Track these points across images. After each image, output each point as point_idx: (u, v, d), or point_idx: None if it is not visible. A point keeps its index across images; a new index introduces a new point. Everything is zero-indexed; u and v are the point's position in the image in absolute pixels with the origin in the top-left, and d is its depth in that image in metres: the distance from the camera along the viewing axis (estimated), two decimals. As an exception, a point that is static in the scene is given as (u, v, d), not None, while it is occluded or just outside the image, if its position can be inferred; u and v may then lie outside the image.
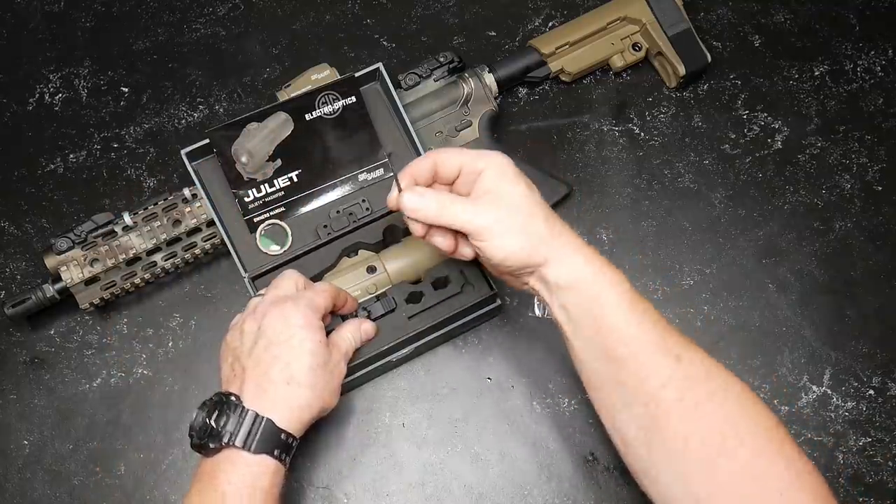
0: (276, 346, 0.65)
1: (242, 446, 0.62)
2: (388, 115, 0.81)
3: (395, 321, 0.75)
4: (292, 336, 0.66)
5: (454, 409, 0.79)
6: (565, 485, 0.77)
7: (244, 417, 0.63)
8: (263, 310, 0.68)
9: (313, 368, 0.66)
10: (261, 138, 0.78)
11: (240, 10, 0.94)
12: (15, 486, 0.78)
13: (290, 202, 0.79)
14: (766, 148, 0.87)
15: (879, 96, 0.89)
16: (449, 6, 0.93)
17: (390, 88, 0.80)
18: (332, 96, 0.79)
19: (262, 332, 0.66)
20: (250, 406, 0.64)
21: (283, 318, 0.66)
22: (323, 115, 0.79)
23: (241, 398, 0.64)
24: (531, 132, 0.88)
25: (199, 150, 0.78)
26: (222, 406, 0.63)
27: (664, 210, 0.85)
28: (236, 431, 0.62)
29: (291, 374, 0.65)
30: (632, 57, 0.87)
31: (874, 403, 0.79)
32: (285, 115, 0.78)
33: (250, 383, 0.65)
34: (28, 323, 0.82)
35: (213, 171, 0.79)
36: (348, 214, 0.79)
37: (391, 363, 0.77)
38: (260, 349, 0.66)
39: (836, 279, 0.83)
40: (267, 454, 0.63)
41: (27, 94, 0.91)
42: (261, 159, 0.78)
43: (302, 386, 0.65)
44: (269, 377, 0.65)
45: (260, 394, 0.64)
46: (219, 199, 0.79)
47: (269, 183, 0.78)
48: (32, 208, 0.87)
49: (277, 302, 0.68)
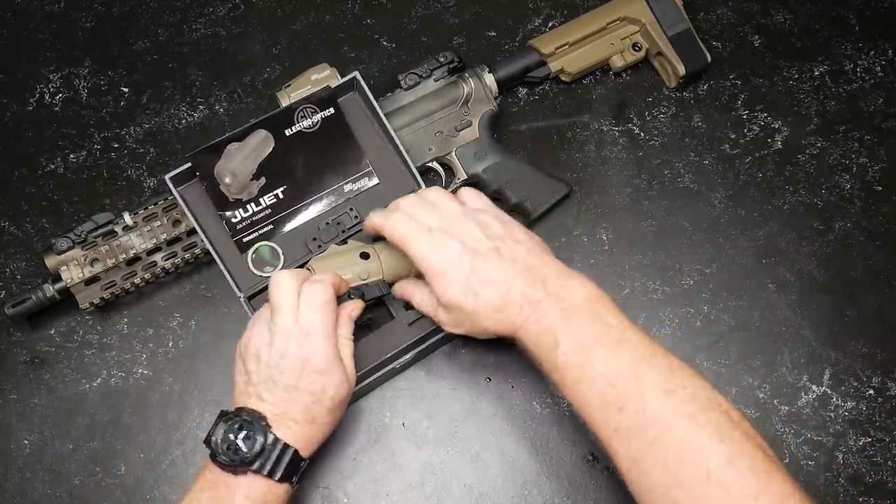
0: (297, 392, 0.66)
1: (270, 476, 0.64)
2: (369, 123, 0.81)
3: (396, 329, 0.76)
4: (312, 382, 0.66)
5: (454, 409, 0.79)
6: (565, 485, 0.77)
7: (276, 447, 0.64)
8: (281, 349, 0.66)
9: (332, 409, 0.67)
10: (242, 157, 0.78)
11: (240, 10, 0.94)
12: (15, 486, 0.78)
13: (278, 219, 0.79)
14: (766, 148, 0.87)
15: (879, 96, 0.89)
16: (449, 6, 0.93)
17: (369, 97, 0.80)
18: (310, 110, 0.79)
19: (283, 371, 0.65)
20: (280, 436, 0.64)
21: (302, 363, 0.65)
22: (303, 129, 0.79)
23: (269, 425, 0.65)
24: (531, 132, 0.88)
25: (183, 175, 0.77)
26: (252, 428, 0.64)
27: (664, 210, 0.85)
28: (267, 460, 0.63)
29: (313, 417, 0.66)
30: (632, 57, 0.87)
31: (874, 403, 0.79)
32: (265, 132, 0.78)
33: (272, 416, 0.65)
34: (28, 323, 0.82)
35: (198, 195, 0.78)
36: (336, 225, 0.79)
37: (395, 370, 0.77)
38: (280, 390, 0.66)
39: (836, 279, 0.83)
40: (288, 482, 0.65)
41: (27, 94, 0.91)
42: (244, 178, 0.78)
43: (323, 425, 0.67)
44: (292, 418, 0.65)
45: (283, 427, 0.65)
46: (206, 221, 0.78)
47: (255, 202, 0.78)
48: (32, 208, 0.87)
49: (291, 337, 0.66)
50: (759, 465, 0.55)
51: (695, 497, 0.55)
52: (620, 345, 0.61)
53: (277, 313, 0.67)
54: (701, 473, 0.55)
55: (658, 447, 0.57)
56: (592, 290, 0.65)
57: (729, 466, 0.55)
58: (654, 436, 0.57)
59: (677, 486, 0.56)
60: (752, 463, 0.56)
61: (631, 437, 0.58)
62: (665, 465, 0.57)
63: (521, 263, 0.66)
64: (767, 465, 0.56)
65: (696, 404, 0.58)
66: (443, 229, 0.68)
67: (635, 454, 0.58)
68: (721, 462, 0.55)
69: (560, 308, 0.63)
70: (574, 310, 0.63)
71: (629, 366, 0.60)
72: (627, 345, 0.62)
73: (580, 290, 0.64)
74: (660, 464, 0.57)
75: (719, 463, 0.55)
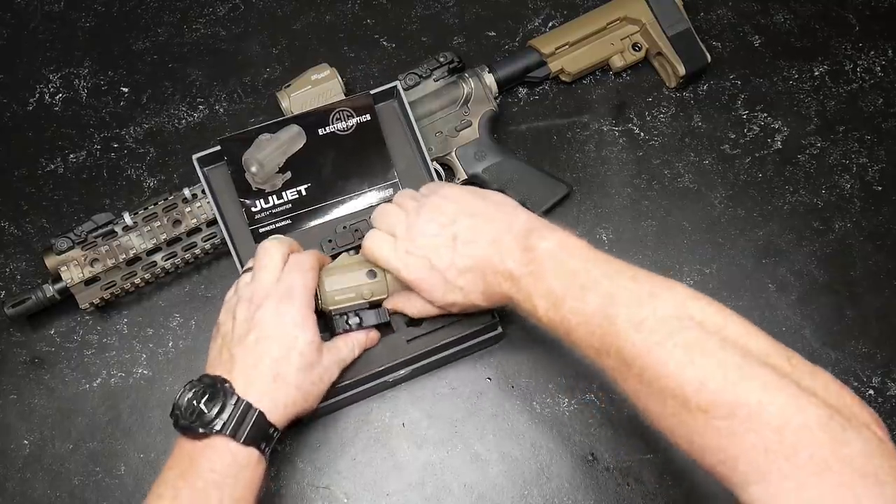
0: (267, 341, 0.65)
1: (234, 436, 0.62)
2: (402, 132, 0.81)
3: (394, 343, 0.75)
4: (285, 334, 0.66)
5: (454, 409, 0.79)
6: (565, 485, 0.77)
7: (238, 407, 0.63)
8: (259, 301, 0.67)
9: (301, 369, 0.66)
10: (272, 150, 0.78)
11: (240, 10, 0.94)
12: (15, 486, 0.78)
13: (297, 215, 0.79)
14: (765, 148, 0.87)
15: (879, 96, 0.89)
16: (449, 6, 0.93)
17: (406, 108, 0.80)
18: (346, 113, 0.79)
19: (255, 323, 0.66)
20: (242, 394, 0.63)
21: (277, 314, 0.66)
22: (336, 131, 0.79)
23: (233, 386, 0.64)
24: (531, 132, 0.88)
25: (208, 157, 0.78)
26: (215, 390, 0.63)
27: (664, 210, 0.85)
28: (229, 421, 0.62)
29: (279, 371, 0.65)
30: (632, 57, 0.87)
31: (874, 403, 0.79)
32: (298, 128, 0.78)
33: (238, 373, 0.65)
34: (28, 323, 0.82)
35: (222, 179, 0.79)
36: (354, 231, 0.78)
37: (387, 383, 0.77)
38: (251, 341, 0.66)
39: (836, 279, 0.83)
40: (254, 446, 0.63)
41: (27, 94, 0.91)
42: (271, 171, 0.78)
43: (288, 384, 0.65)
44: (257, 370, 0.65)
45: (248, 385, 0.64)
46: (226, 206, 0.79)
47: (278, 195, 0.79)
48: (32, 208, 0.87)
49: (272, 294, 0.67)
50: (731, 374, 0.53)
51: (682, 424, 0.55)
52: (586, 290, 0.60)
53: (260, 271, 0.69)
54: (680, 402, 0.54)
55: (642, 382, 0.57)
56: (554, 239, 0.63)
57: (702, 388, 0.53)
58: (638, 373, 0.57)
59: (671, 416, 0.55)
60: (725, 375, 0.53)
61: (623, 376, 0.58)
62: (654, 397, 0.56)
63: (485, 239, 0.66)
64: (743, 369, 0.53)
65: (665, 330, 0.56)
66: (405, 239, 0.69)
67: (632, 390, 0.58)
68: (694, 386, 0.54)
69: (529, 271, 0.63)
70: (541, 268, 0.62)
71: (598, 309, 0.59)
72: (593, 287, 0.60)
73: (542, 244, 0.63)
74: (651, 397, 0.57)
75: (693, 387, 0.54)
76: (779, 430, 0.50)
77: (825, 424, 0.50)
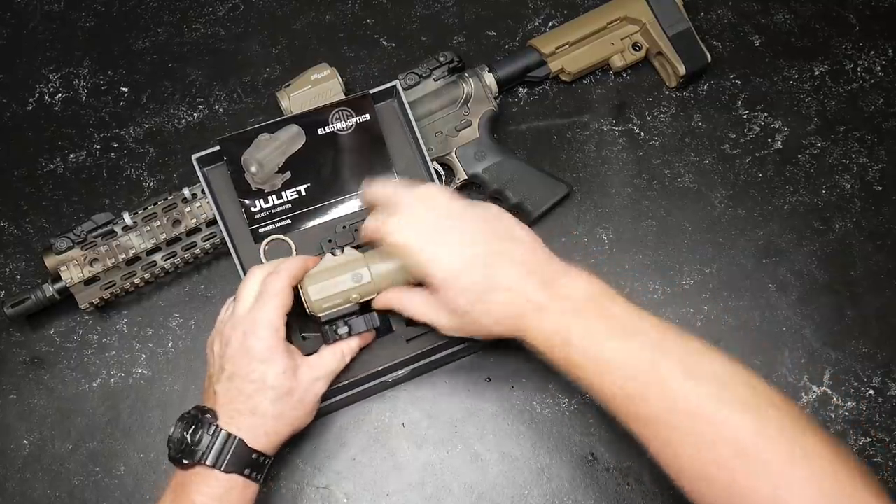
0: (238, 379, 0.66)
1: (214, 465, 0.64)
2: (402, 132, 0.81)
3: (394, 343, 0.75)
4: (252, 370, 0.66)
5: (454, 409, 0.79)
6: (565, 485, 0.77)
7: (217, 437, 0.64)
8: (228, 334, 0.67)
9: (276, 400, 0.66)
10: (271, 149, 0.78)
11: (240, 10, 0.94)
12: (15, 486, 0.78)
13: (297, 215, 0.79)
14: (766, 148, 0.87)
15: (879, 96, 0.89)
16: (449, 6, 0.93)
17: (406, 107, 0.80)
18: (346, 112, 0.79)
19: (227, 360, 0.67)
20: (224, 426, 0.65)
21: (243, 350, 0.66)
22: (336, 130, 0.79)
23: (216, 416, 0.65)
24: (531, 132, 0.88)
25: (208, 157, 0.78)
26: (198, 422, 0.65)
27: (664, 210, 0.85)
28: (208, 450, 0.64)
29: (254, 406, 0.66)
30: (632, 57, 0.87)
31: (874, 403, 0.79)
32: (298, 127, 0.78)
33: (220, 408, 0.66)
34: (28, 323, 0.82)
35: (221, 179, 0.79)
36: (354, 230, 0.78)
37: (386, 384, 0.77)
38: (225, 378, 0.67)
39: (836, 279, 0.83)
40: (237, 473, 0.64)
41: (27, 94, 0.91)
42: (270, 170, 0.78)
43: (266, 416, 0.66)
44: (235, 407, 0.66)
45: (229, 419, 0.65)
46: (225, 205, 0.79)
47: (277, 195, 0.79)
48: (32, 208, 0.87)
49: (238, 326, 0.67)
50: (787, 429, 0.56)
51: (730, 471, 0.55)
52: (632, 335, 0.61)
53: (237, 303, 0.69)
54: (731, 449, 0.56)
55: (687, 432, 0.57)
56: (594, 283, 0.64)
57: (758, 436, 0.55)
58: (682, 420, 0.57)
59: (711, 463, 0.56)
60: (780, 427, 0.56)
61: (659, 424, 0.58)
62: (696, 446, 0.57)
63: (526, 267, 0.64)
64: (796, 427, 0.56)
65: (718, 382, 0.58)
66: (446, 231, 0.65)
67: (665, 439, 0.58)
68: (749, 433, 0.56)
69: (565, 309, 0.63)
70: (580, 307, 0.62)
71: (644, 355, 0.60)
72: (639, 333, 0.61)
73: (583, 286, 0.64)
74: (690, 446, 0.57)
75: (748, 434, 0.56)
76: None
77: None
